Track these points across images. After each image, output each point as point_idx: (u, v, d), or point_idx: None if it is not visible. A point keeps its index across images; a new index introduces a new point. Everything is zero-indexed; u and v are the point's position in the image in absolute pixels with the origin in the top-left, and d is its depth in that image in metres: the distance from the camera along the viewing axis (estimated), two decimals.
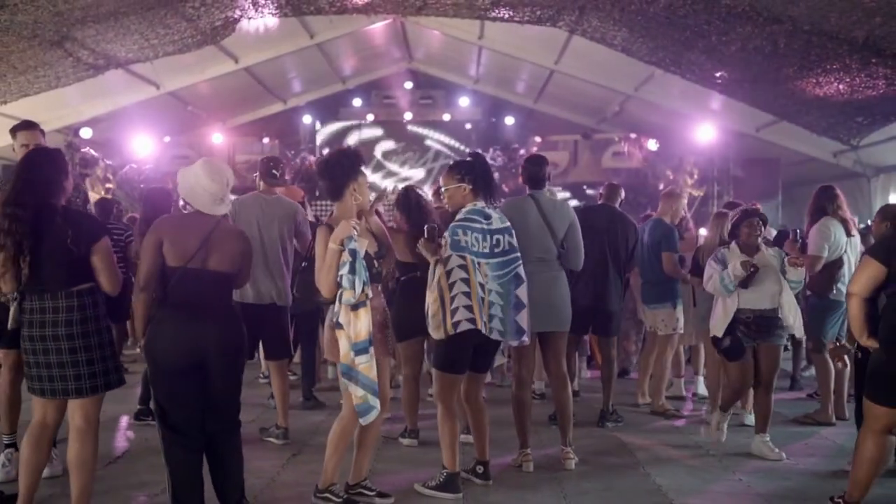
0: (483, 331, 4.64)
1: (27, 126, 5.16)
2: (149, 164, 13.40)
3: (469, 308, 4.67)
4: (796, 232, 6.29)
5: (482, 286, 4.68)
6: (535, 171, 5.53)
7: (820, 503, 4.63)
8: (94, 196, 11.00)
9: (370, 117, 14.93)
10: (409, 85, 15.13)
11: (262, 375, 8.07)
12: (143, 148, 13.47)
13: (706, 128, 12.87)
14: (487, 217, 4.78)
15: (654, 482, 5.11)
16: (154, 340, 4.11)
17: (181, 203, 5.82)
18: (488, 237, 4.73)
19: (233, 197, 4.73)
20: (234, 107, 14.37)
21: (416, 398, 5.95)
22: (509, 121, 14.89)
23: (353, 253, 4.23)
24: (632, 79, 12.21)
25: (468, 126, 15.10)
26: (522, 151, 14.42)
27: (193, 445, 4.18)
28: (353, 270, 4.22)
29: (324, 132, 15.23)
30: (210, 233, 4.12)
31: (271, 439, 5.95)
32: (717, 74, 10.53)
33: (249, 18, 10.83)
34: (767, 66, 9.61)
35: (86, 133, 12.42)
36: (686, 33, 9.46)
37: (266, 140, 14.76)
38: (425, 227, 4.77)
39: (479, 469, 5.06)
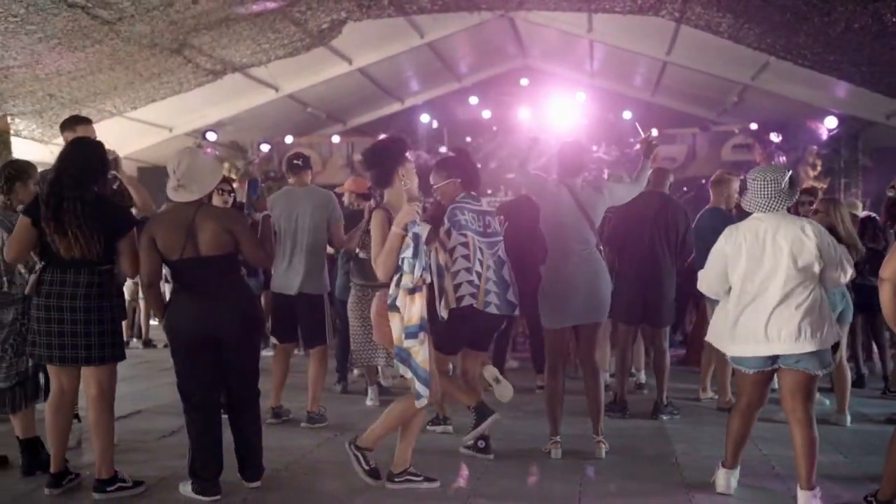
0: (479, 307, 4.79)
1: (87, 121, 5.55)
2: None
3: (472, 283, 4.85)
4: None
5: (481, 263, 4.81)
6: (569, 160, 5.38)
7: None
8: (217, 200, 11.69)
9: (486, 114, 15.00)
10: (524, 82, 15.10)
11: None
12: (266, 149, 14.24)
13: (831, 116, 12.17)
14: (477, 200, 4.97)
15: (681, 476, 4.95)
16: (172, 320, 4.44)
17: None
18: (481, 218, 4.87)
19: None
20: (353, 107, 14.86)
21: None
22: (627, 115, 14.57)
23: (416, 237, 4.34)
24: (747, 67, 11.74)
25: None
26: (639, 146, 14.08)
27: (211, 418, 4.49)
28: (416, 254, 4.33)
29: None
30: (192, 221, 4.35)
31: (309, 425, 6.12)
32: (831, 58, 9.97)
33: (355, 20, 11.21)
34: (880, 47, 9.00)
35: (211, 136, 13.23)
36: (787, 16, 9.02)
37: None
38: None
39: (481, 444, 5.19)
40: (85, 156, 4.50)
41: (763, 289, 4.32)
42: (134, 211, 5.20)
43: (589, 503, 4.48)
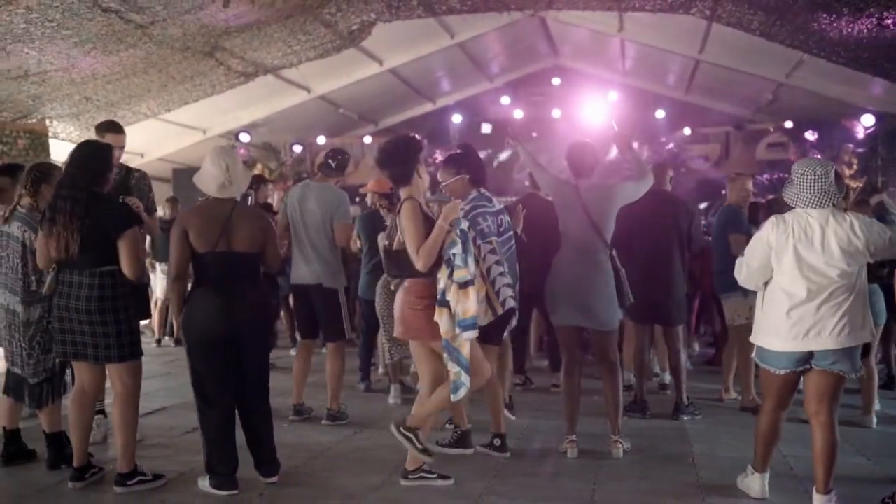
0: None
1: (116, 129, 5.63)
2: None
3: (509, 286, 5.01)
4: None
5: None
6: (578, 160, 5.40)
7: None
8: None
9: (518, 114, 14.98)
10: (556, 81, 15.06)
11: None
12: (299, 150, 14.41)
13: (868, 114, 11.98)
14: (490, 200, 4.97)
15: (697, 476, 4.93)
16: (189, 318, 4.54)
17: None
18: (496, 217, 4.90)
19: None
20: (385, 108, 14.92)
21: None
22: (660, 114, 14.47)
23: (464, 234, 4.47)
24: (781, 65, 11.59)
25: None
26: (671, 145, 14.03)
27: (225, 415, 4.58)
28: (466, 249, 4.45)
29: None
30: (228, 216, 4.46)
31: (329, 422, 6.18)
32: (865, 55, 9.80)
33: (385, 21, 11.28)
34: None
35: (244, 137, 13.40)
36: (817, 12, 8.89)
37: None
38: None
39: (497, 442, 5.19)
40: (83, 156, 4.60)
41: (809, 286, 4.17)
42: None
43: (602, 502, 4.48)
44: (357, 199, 9.69)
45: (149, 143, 12.76)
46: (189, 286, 4.73)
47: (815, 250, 4.17)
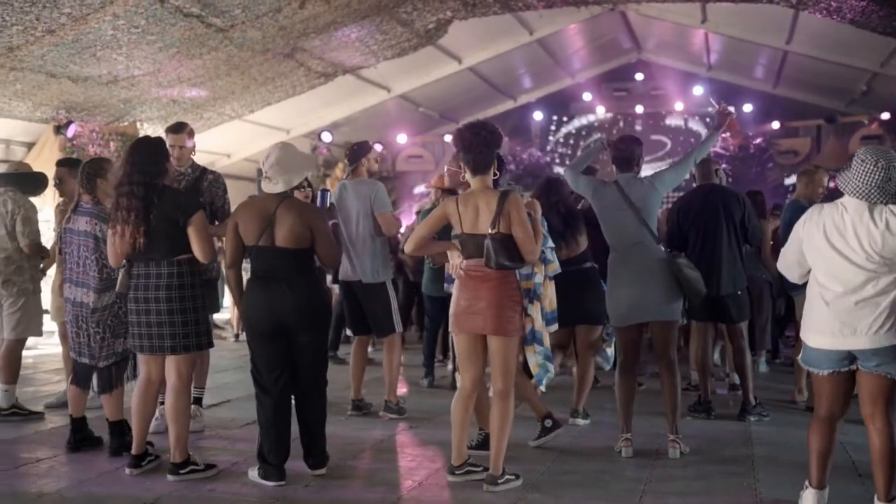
0: None
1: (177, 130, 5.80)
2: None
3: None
4: None
5: None
6: (622, 154, 5.29)
7: None
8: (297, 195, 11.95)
9: (601, 111, 14.80)
10: (639, 76, 14.82)
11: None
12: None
13: None
14: None
15: (754, 479, 4.72)
16: (245, 309, 4.67)
17: None
18: None
19: None
20: (465, 106, 14.92)
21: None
22: (747, 108, 14.04)
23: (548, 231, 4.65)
24: (874, 54, 11.11)
25: None
26: (759, 140, 13.59)
27: (278, 404, 4.64)
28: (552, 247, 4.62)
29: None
30: (273, 212, 4.53)
31: (387, 415, 6.22)
32: None
33: (461, 18, 11.30)
34: None
35: (326, 137, 13.64)
36: None
37: None
38: None
39: (548, 423, 5.22)
40: (134, 153, 4.72)
41: (840, 282, 3.91)
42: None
43: (649, 503, 4.37)
44: None
45: (234, 143, 13.13)
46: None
47: (846, 245, 3.88)
